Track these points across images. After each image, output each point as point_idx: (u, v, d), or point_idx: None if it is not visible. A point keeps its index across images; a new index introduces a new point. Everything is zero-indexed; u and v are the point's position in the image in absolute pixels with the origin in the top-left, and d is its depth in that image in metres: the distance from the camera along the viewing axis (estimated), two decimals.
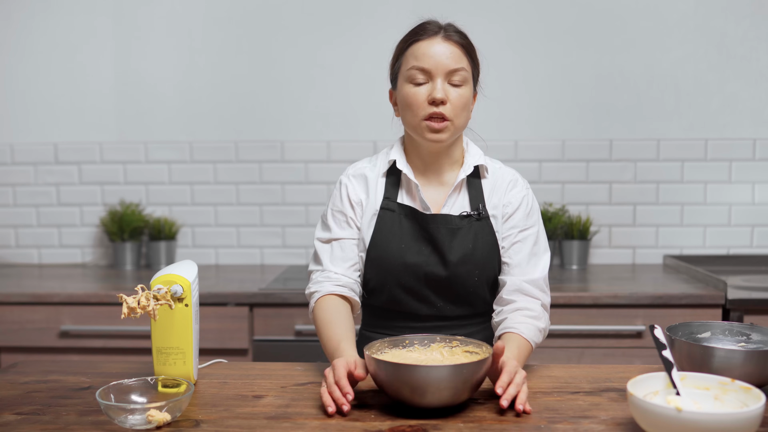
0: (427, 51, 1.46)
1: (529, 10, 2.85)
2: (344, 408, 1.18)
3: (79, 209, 3.02)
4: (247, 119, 2.95)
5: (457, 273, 1.50)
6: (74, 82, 2.98)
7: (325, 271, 1.54)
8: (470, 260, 1.50)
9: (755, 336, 1.36)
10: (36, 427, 1.17)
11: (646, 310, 2.30)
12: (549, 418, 1.17)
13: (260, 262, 2.99)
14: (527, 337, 1.42)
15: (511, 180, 1.58)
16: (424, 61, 1.46)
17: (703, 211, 2.87)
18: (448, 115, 1.46)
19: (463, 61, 1.48)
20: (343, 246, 1.55)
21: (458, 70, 1.46)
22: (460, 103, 1.47)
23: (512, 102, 2.87)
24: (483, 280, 1.53)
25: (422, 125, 1.48)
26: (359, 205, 1.56)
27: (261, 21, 2.91)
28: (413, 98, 1.47)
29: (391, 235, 1.52)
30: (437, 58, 1.45)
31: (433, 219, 1.51)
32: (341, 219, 1.56)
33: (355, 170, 1.60)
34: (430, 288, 1.52)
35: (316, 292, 1.52)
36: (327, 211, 1.59)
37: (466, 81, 1.48)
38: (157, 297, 1.28)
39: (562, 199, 2.89)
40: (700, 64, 2.83)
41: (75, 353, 2.42)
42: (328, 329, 1.43)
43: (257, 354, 2.38)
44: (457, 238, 1.51)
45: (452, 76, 1.46)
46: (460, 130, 1.51)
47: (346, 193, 1.57)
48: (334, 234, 1.55)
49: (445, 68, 1.46)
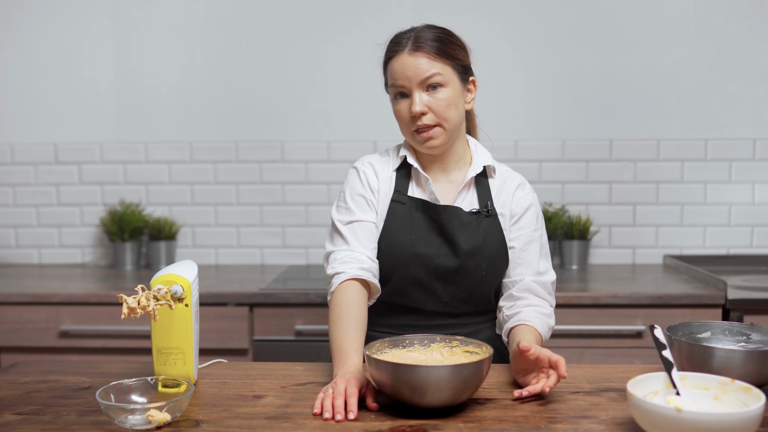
0: (398, 68, 1.50)
1: (529, 9, 2.84)
2: (337, 417, 1.17)
3: (79, 209, 3.02)
4: (247, 119, 2.95)
5: (467, 265, 1.52)
6: (74, 82, 2.98)
7: (353, 251, 1.51)
8: (479, 253, 1.52)
9: (755, 336, 1.36)
10: (36, 427, 1.17)
11: (646, 310, 2.30)
12: (549, 418, 1.17)
13: (260, 262, 2.99)
14: (541, 332, 1.46)
15: (519, 183, 1.62)
16: (397, 79, 1.51)
17: (703, 211, 2.87)
18: (431, 122, 1.49)
19: (436, 65, 1.48)
20: (365, 228, 1.54)
21: (432, 75, 1.48)
22: (442, 106, 1.49)
23: (512, 102, 2.87)
24: (490, 276, 1.54)
25: (414, 137, 1.53)
26: (377, 192, 1.58)
27: (261, 21, 2.91)
28: (399, 114, 1.53)
29: (402, 226, 1.54)
30: (407, 74, 1.49)
31: (444, 210, 1.54)
32: (362, 202, 1.56)
33: (370, 159, 1.62)
34: (439, 280, 1.53)
35: (341, 273, 1.47)
36: (344, 195, 1.59)
37: (445, 82, 1.49)
38: (157, 297, 1.28)
39: (562, 199, 2.89)
40: (700, 64, 2.83)
41: (75, 353, 2.42)
42: (344, 327, 1.40)
43: (257, 354, 2.38)
44: (467, 231, 1.53)
45: (428, 83, 1.48)
46: (454, 128, 1.53)
47: (365, 178, 1.58)
48: (356, 216, 1.54)
49: (418, 79, 1.48)
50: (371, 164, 1.61)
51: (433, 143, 1.51)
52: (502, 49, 2.84)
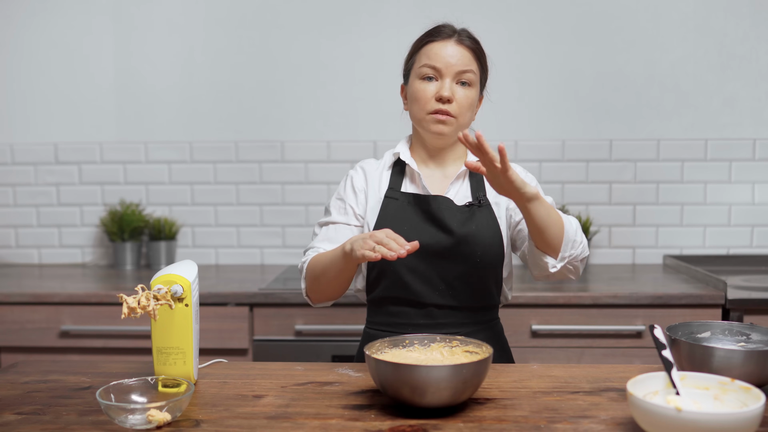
0: (440, 51, 1.55)
1: (529, 9, 2.85)
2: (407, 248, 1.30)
3: (79, 209, 3.02)
4: (247, 119, 2.95)
5: (460, 251, 1.53)
6: (74, 81, 2.98)
7: (316, 249, 1.62)
8: (473, 240, 1.54)
9: (755, 336, 1.36)
10: (36, 427, 1.17)
11: (646, 310, 2.30)
12: (549, 418, 1.17)
13: (260, 262, 2.99)
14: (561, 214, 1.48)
15: None
16: (435, 61, 1.55)
17: (703, 211, 2.88)
18: (453, 112, 1.54)
19: (473, 64, 1.57)
20: (337, 229, 1.63)
21: (467, 71, 1.55)
22: (466, 103, 1.56)
23: (512, 102, 2.87)
24: (486, 264, 1.55)
25: (428, 118, 1.56)
26: (362, 192, 1.65)
27: (261, 20, 2.91)
28: (422, 93, 1.56)
29: (394, 219, 1.57)
30: (448, 59, 1.55)
31: (434, 200, 1.57)
32: (340, 205, 1.66)
33: (363, 163, 1.71)
34: (434, 267, 1.54)
35: (305, 261, 1.61)
36: (331, 199, 1.70)
37: (473, 83, 1.57)
38: (157, 297, 1.28)
39: (562, 199, 2.89)
40: (700, 64, 2.83)
41: (75, 353, 2.42)
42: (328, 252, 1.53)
43: (257, 354, 2.38)
44: (459, 219, 1.56)
45: (461, 77, 1.55)
46: (463, 128, 1.58)
47: (350, 183, 1.67)
48: (332, 218, 1.65)
49: (455, 69, 1.55)
50: (362, 168, 1.69)
51: (444, 129, 1.55)
52: (503, 49, 2.84)
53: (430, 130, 1.56)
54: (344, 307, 2.34)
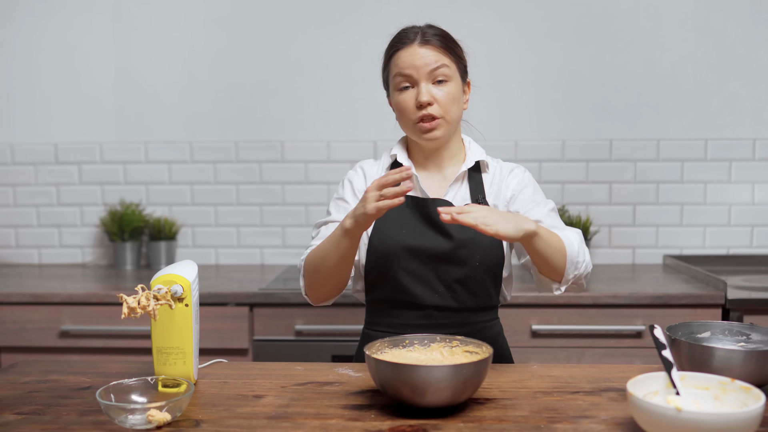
0: (407, 58, 1.54)
1: (529, 9, 2.85)
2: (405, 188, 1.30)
3: (79, 209, 3.02)
4: (247, 119, 2.95)
5: (459, 254, 1.53)
6: (74, 81, 2.98)
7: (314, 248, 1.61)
8: (472, 244, 1.53)
9: (755, 336, 1.36)
10: (36, 427, 1.17)
11: (646, 310, 2.30)
12: (549, 418, 1.17)
13: (260, 262, 2.99)
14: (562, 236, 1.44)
15: (511, 169, 1.66)
16: (405, 68, 1.54)
17: (703, 211, 2.88)
18: (437, 113, 1.54)
19: (444, 59, 1.55)
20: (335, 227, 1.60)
21: (438, 68, 1.54)
22: (448, 99, 1.54)
23: (512, 102, 2.87)
24: (484, 267, 1.54)
25: (416, 128, 1.56)
26: (362, 193, 1.63)
27: (261, 20, 2.91)
28: (403, 104, 1.56)
29: (392, 222, 1.56)
30: (417, 63, 1.54)
31: (432, 203, 1.57)
32: (340, 204, 1.65)
33: (362, 164, 1.71)
34: (433, 270, 1.54)
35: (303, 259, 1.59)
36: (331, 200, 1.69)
37: (450, 77, 1.55)
38: (157, 297, 1.28)
39: (562, 199, 2.89)
40: (700, 64, 2.83)
41: (75, 353, 2.42)
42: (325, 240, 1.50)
43: (257, 354, 2.38)
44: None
45: (435, 76, 1.54)
46: (454, 123, 1.58)
47: (349, 184, 1.67)
48: (331, 218, 1.64)
49: (425, 70, 1.53)
50: (362, 168, 1.69)
51: (435, 134, 1.55)
52: (503, 49, 2.84)
53: (422, 139, 1.57)
54: (344, 307, 2.34)
